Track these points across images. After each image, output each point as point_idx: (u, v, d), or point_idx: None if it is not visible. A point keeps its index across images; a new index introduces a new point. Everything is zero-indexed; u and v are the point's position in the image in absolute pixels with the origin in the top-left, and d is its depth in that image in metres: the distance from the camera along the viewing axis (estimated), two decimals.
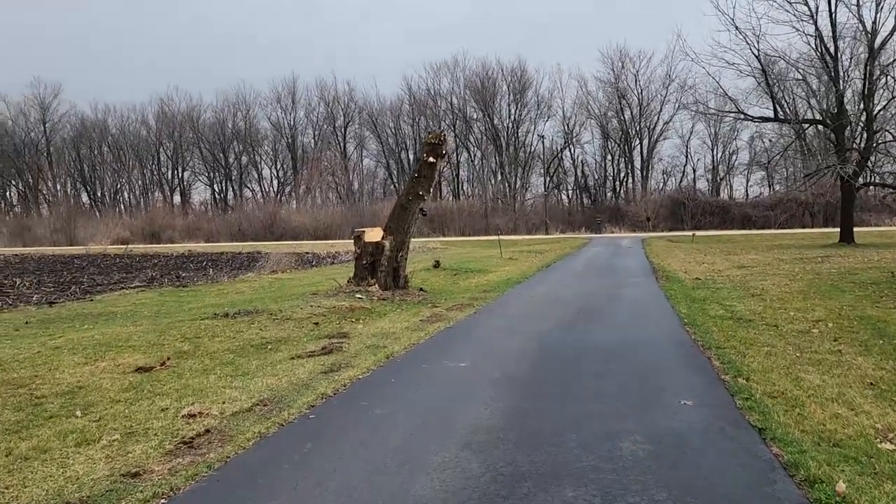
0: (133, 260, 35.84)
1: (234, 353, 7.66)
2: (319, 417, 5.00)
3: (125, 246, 47.25)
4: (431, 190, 13.62)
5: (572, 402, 5.29)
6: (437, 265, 19.42)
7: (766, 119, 33.04)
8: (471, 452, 4.19)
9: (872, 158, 32.21)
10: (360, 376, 6.34)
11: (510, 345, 7.81)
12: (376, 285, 12.95)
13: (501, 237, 46.97)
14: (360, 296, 12.51)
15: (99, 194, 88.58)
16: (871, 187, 36.25)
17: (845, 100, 33.36)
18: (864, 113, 30.91)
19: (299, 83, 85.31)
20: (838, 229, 46.99)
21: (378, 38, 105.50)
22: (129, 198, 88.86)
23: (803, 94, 41.62)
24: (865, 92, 30.51)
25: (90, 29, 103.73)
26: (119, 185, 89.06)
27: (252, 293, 15.93)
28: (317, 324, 9.81)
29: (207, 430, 4.56)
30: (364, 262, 13.22)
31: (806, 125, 35.16)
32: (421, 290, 13.88)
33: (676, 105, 66.93)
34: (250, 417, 4.96)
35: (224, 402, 5.36)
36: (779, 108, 33.47)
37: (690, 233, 44.36)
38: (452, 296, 13.37)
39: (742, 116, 33.29)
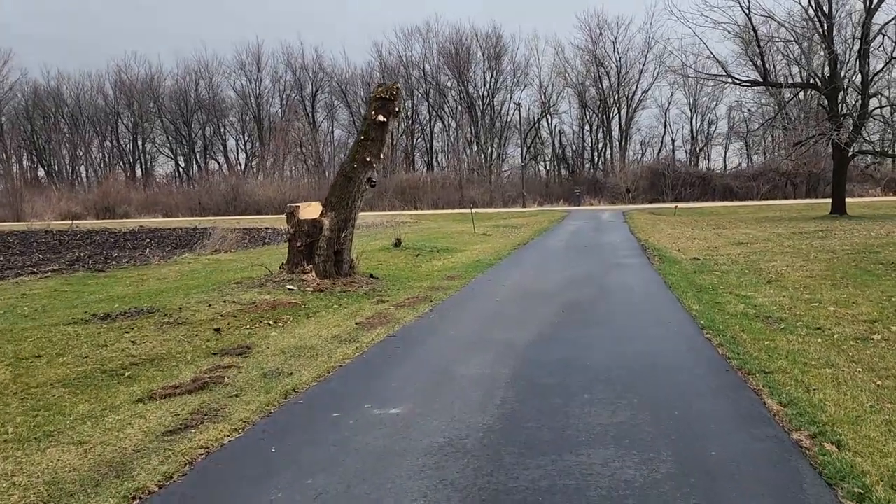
0: (73, 237, 32.85)
1: (67, 387, 5.24)
2: None
3: (70, 222, 44.00)
4: (382, 156, 11.17)
5: None
6: (397, 244, 17.04)
7: (755, 83, 30.88)
8: None
9: (867, 125, 30.36)
10: (225, 440, 3.97)
11: (470, 370, 5.49)
12: (313, 272, 10.54)
13: (476, 210, 44.59)
14: (291, 286, 10.09)
15: (56, 168, 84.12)
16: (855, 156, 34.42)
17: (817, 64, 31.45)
18: (860, 75, 28.90)
19: (264, 49, 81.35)
20: (823, 200, 45.49)
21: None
22: (86, 172, 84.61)
23: (790, 58, 39.65)
24: (861, 52, 28.43)
25: None
26: (76, 159, 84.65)
27: (175, 279, 13.44)
28: (218, 330, 7.40)
29: None
30: (298, 244, 10.78)
31: (797, 89, 33.15)
32: (371, 276, 11.50)
33: (655, 73, 64.74)
34: None
35: None
36: (768, 72, 31.46)
37: (672, 205, 42.39)
38: (408, 284, 11.01)
39: (730, 80, 31.05)
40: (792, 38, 31.14)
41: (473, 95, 71.72)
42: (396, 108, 11.03)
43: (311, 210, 10.92)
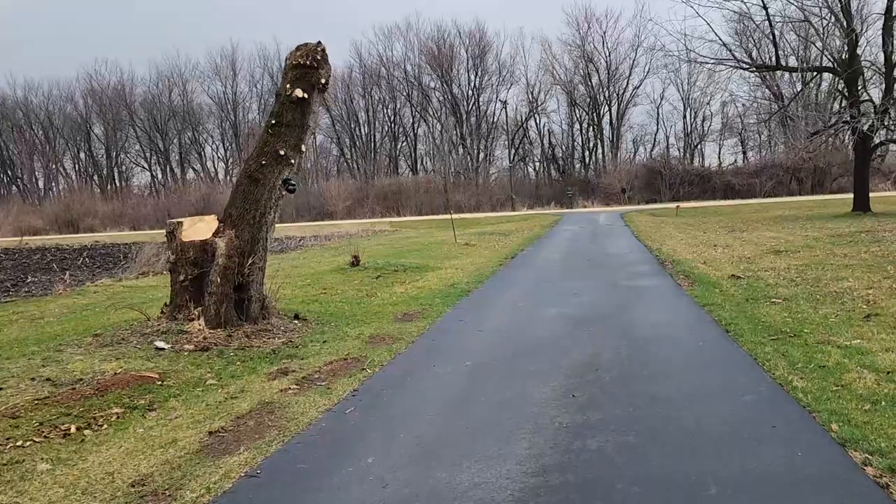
0: (8, 256, 29.30)
1: None
2: None
3: (19, 238, 40.39)
4: (304, 148, 7.86)
5: None
6: (355, 262, 13.70)
7: (768, 67, 27.79)
8: None
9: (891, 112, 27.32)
10: None
11: None
12: (201, 319, 7.19)
13: (461, 216, 41.17)
14: (161, 343, 6.74)
15: (24, 181, 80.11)
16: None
17: (833, 46, 28.40)
18: (884, 56, 25.86)
19: (239, 53, 77.85)
20: (833, 196, 42.48)
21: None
22: (57, 185, 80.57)
23: (799, 39, 36.84)
24: (884, 29, 25.38)
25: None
26: (50, 171, 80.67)
27: (50, 320, 10.13)
28: None
29: None
30: (182, 277, 7.43)
31: (807, 76, 30.09)
32: (296, 318, 8.17)
33: (647, 68, 61.89)
34: None
35: None
36: (780, 56, 28.39)
37: (673, 205, 39.27)
38: (344, 331, 7.67)
39: (739, 65, 27.86)
40: (802, 18, 28.11)
41: (458, 95, 68.54)
42: (322, 80, 7.72)
43: (200, 228, 7.57)
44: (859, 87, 26.80)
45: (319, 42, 7.72)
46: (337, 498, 3.31)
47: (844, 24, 25.79)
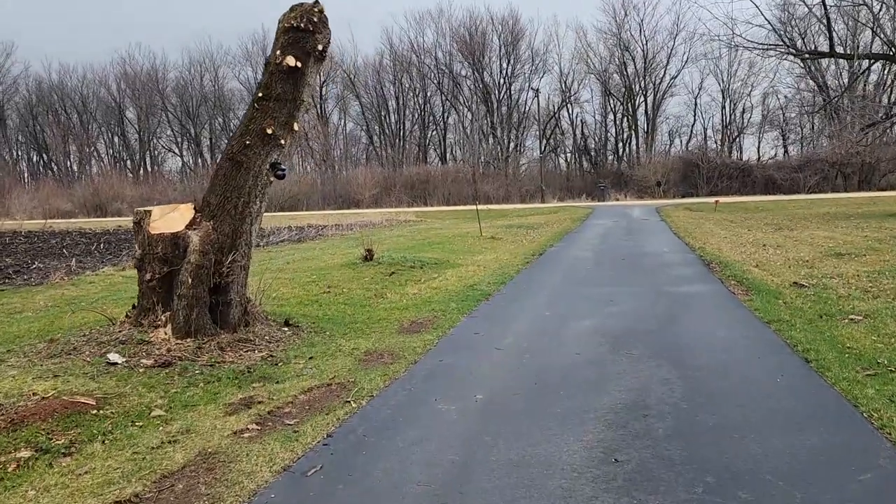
0: (26, 240, 28.85)
1: None
2: None
3: (44, 221, 40.22)
4: (297, 127, 6.70)
5: None
6: (368, 257, 12.56)
7: (820, 54, 25.92)
8: None
9: None
10: None
11: None
12: (168, 326, 6.09)
13: (489, 207, 39.87)
14: (116, 355, 5.65)
15: (56, 165, 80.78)
16: None
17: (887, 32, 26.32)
18: None
19: (270, 38, 77.09)
20: (883, 193, 40.16)
21: None
22: (89, 169, 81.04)
23: (843, 32, 34.80)
24: None
25: None
26: (84, 155, 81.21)
27: (27, 315, 9.19)
28: None
29: None
30: (149, 276, 6.34)
31: (869, 61, 28.02)
32: (286, 324, 7.04)
33: (685, 57, 59.70)
34: None
35: None
36: (834, 42, 26.40)
37: (711, 199, 37.37)
38: (339, 344, 6.50)
39: (786, 51, 26.01)
40: (856, 2, 26.10)
41: (489, 84, 66.89)
42: (319, 46, 6.52)
43: (173, 218, 6.46)
44: None
45: (317, 2, 6.52)
46: None
47: None
